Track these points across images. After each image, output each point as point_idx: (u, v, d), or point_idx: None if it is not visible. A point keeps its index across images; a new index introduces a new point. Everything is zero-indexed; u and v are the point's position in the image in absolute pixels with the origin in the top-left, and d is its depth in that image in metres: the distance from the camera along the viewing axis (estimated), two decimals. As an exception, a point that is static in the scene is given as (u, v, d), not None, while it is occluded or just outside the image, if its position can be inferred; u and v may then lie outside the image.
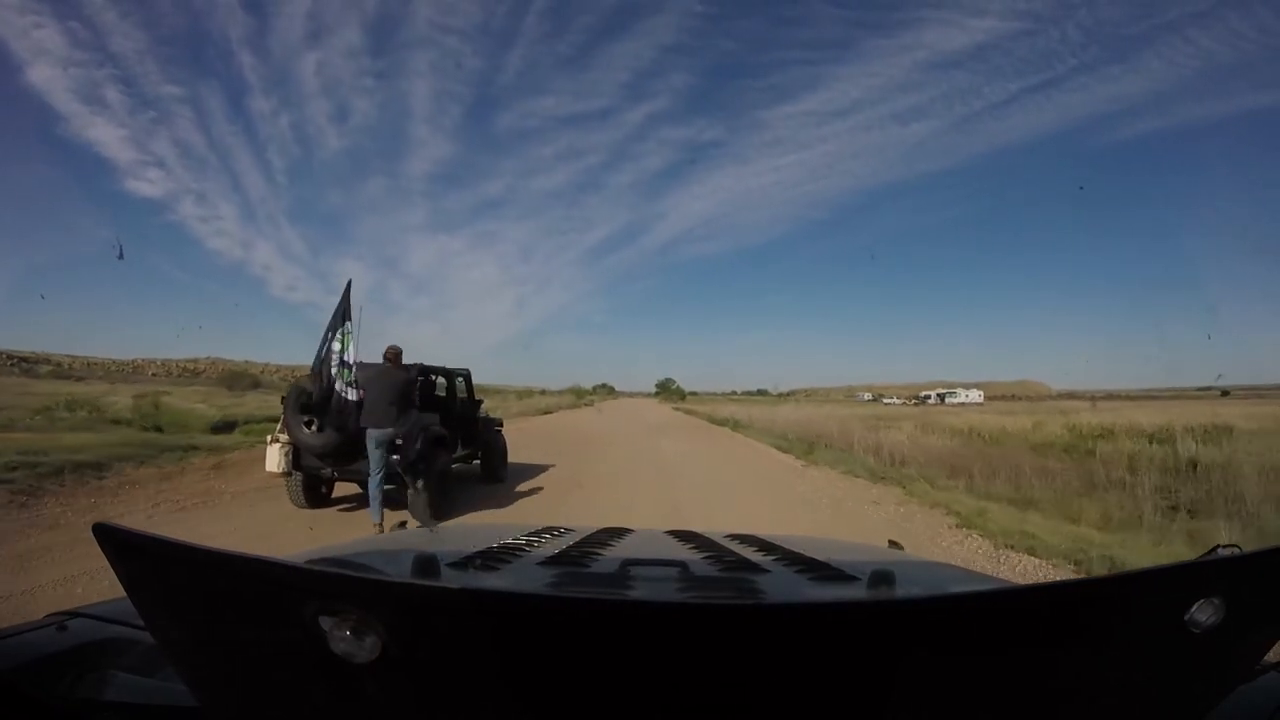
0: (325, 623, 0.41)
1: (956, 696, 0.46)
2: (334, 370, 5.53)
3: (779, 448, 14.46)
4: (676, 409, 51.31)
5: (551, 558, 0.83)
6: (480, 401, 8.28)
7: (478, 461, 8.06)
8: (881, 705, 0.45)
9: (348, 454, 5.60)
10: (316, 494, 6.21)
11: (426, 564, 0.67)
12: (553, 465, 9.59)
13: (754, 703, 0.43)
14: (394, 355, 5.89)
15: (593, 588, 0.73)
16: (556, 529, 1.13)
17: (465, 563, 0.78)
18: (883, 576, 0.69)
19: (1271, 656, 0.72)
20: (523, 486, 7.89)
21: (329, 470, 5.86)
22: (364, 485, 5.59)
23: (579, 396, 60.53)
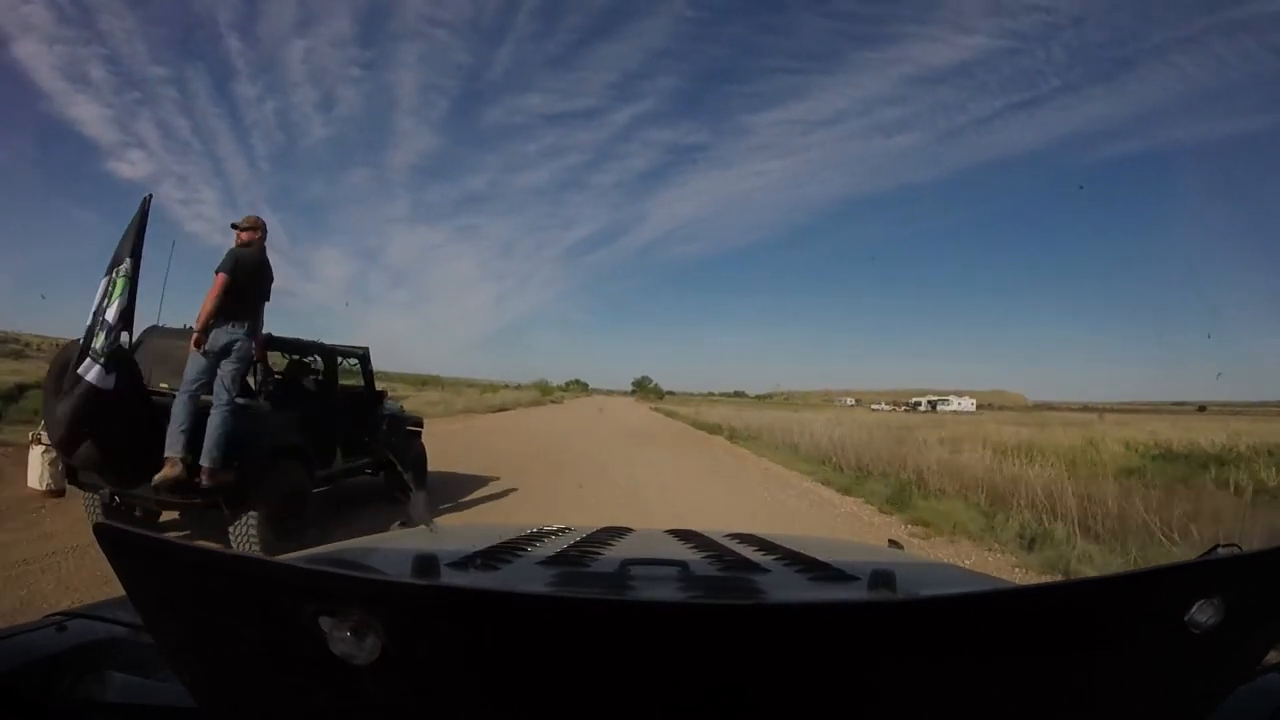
0: (325, 623, 0.41)
1: (957, 696, 0.46)
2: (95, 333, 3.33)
3: (835, 485, 9.06)
4: (655, 409, 45.15)
5: (551, 557, 0.83)
6: (383, 394, 6.16)
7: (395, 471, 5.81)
8: (882, 705, 0.45)
9: (133, 462, 3.52)
10: (129, 520, 3.96)
11: (426, 564, 0.67)
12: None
13: (754, 702, 0.43)
14: (252, 225, 4.01)
15: (593, 587, 0.73)
16: (557, 529, 1.13)
17: (465, 563, 0.78)
18: (883, 576, 0.69)
19: (1272, 657, 0.72)
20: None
21: (106, 491, 3.83)
22: (176, 507, 3.80)
23: (544, 393, 52.04)
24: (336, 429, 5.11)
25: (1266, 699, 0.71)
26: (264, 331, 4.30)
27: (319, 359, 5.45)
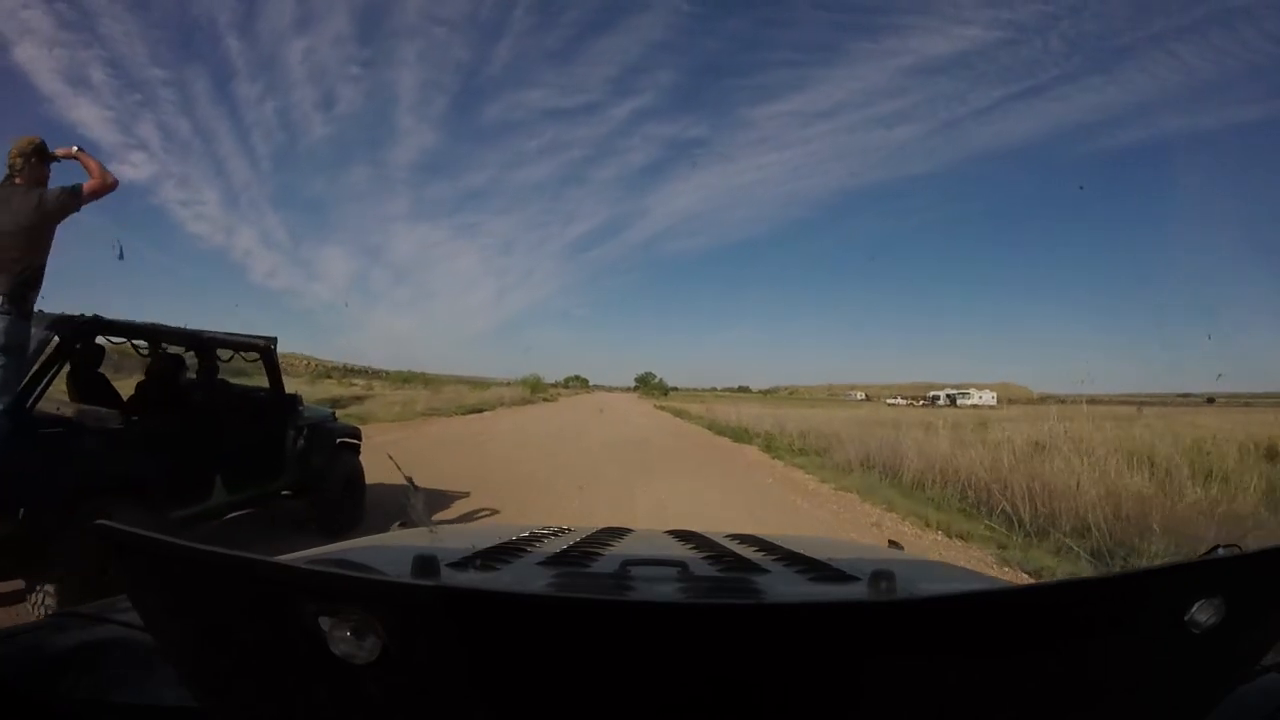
0: (325, 623, 0.41)
1: (957, 695, 0.46)
2: None
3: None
4: (660, 407, 40.11)
5: (552, 558, 0.83)
6: (295, 398, 4.80)
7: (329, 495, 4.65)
8: (883, 703, 0.45)
9: None
10: None
11: (426, 564, 0.67)
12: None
13: (756, 701, 0.43)
14: (25, 154, 2.88)
15: (593, 588, 0.73)
16: (556, 529, 1.13)
17: (465, 563, 0.78)
18: (883, 576, 0.69)
19: (1272, 657, 0.72)
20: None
21: None
22: None
23: (534, 389, 45.15)
24: (215, 448, 3.84)
25: (1266, 699, 0.71)
26: (89, 313, 3.14)
27: (194, 352, 4.09)
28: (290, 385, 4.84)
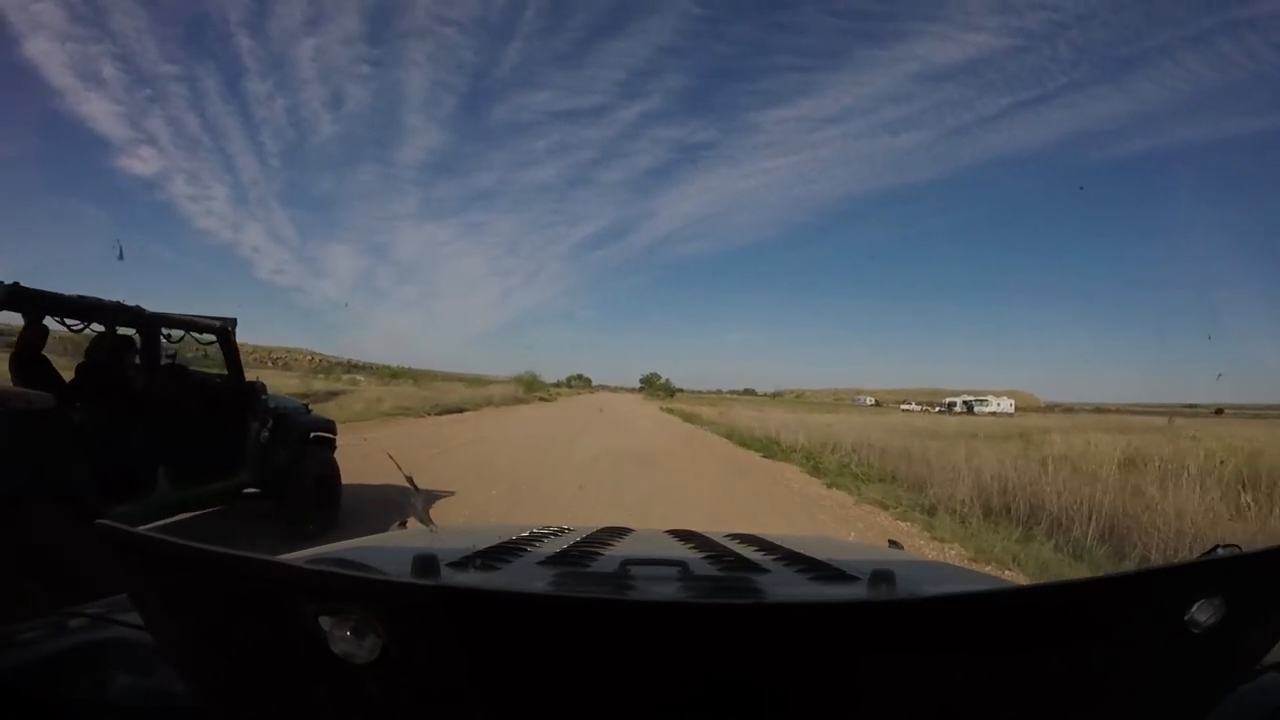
0: (325, 622, 0.41)
1: (957, 695, 0.46)
2: None
3: None
4: (667, 410, 37.09)
5: (552, 557, 0.83)
6: (258, 385, 4.34)
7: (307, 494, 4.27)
8: (882, 703, 0.45)
9: None
10: None
11: (426, 564, 0.67)
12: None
13: (755, 702, 0.43)
14: None
15: (593, 587, 0.73)
16: (557, 529, 1.13)
17: (465, 562, 0.78)
18: (883, 576, 0.69)
19: (1272, 657, 0.72)
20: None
21: None
22: None
23: (528, 388, 42.00)
24: (159, 439, 3.43)
25: (1266, 699, 0.71)
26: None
27: (135, 329, 3.58)
28: (287, 380, 4.78)
